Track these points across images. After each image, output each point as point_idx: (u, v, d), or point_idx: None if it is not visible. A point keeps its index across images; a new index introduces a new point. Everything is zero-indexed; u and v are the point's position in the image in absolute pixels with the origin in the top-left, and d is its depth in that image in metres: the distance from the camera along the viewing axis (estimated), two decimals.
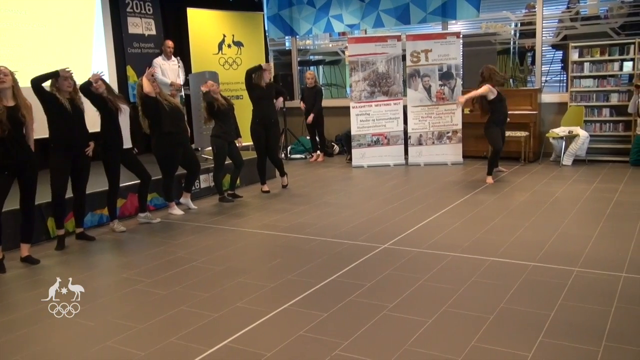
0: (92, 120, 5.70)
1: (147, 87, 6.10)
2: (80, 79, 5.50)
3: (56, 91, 5.13)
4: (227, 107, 6.91)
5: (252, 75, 7.18)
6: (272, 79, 7.54)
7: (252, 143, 7.50)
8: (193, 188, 6.96)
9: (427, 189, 7.27)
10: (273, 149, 7.55)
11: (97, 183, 6.14)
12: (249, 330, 3.45)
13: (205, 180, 7.38)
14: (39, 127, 5.12)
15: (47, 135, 5.25)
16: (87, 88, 5.50)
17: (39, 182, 4.99)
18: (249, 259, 4.95)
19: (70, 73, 5.17)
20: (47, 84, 5.11)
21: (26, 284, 4.54)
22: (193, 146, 7.57)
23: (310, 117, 9.75)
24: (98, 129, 5.79)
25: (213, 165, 7.10)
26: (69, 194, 5.47)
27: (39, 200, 5.46)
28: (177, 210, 6.51)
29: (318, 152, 10.06)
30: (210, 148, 7.21)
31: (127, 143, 5.91)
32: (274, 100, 7.49)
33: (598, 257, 4.46)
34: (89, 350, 3.30)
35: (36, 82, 4.97)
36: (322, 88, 10.51)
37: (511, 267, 4.31)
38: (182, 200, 6.76)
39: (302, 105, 9.99)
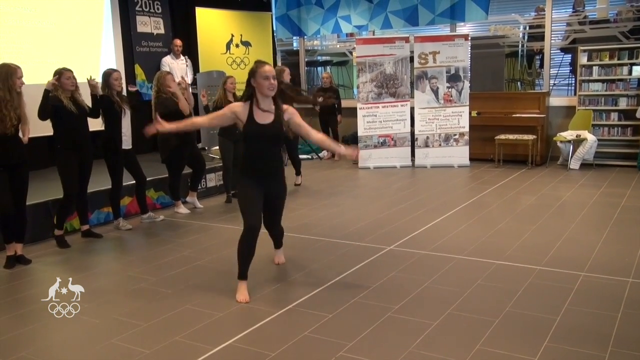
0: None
1: (183, 105, 6.14)
2: (87, 77, 5.50)
3: (59, 90, 5.11)
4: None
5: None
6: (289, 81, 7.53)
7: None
8: (199, 187, 6.97)
9: (433, 191, 7.26)
10: (294, 147, 7.85)
11: (104, 181, 6.16)
12: (253, 329, 3.45)
13: (211, 180, 7.39)
14: (37, 126, 5.05)
15: (42, 134, 5.19)
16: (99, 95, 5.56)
17: (43, 179, 5.00)
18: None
19: (71, 72, 5.16)
20: (26, 83, 4.98)
21: (30, 281, 4.55)
22: (199, 145, 7.58)
23: (340, 118, 9.87)
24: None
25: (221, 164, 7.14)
26: None
27: (46, 197, 5.49)
28: (183, 209, 6.53)
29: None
30: (217, 147, 7.24)
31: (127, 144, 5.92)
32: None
33: (605, 262, 4.44)
34: (94, 348, 3.31)
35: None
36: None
37: (517, 271, 4.30)
38: (188, 199, 6.77)
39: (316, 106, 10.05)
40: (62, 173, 5.28)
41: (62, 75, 5.14)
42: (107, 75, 5.67)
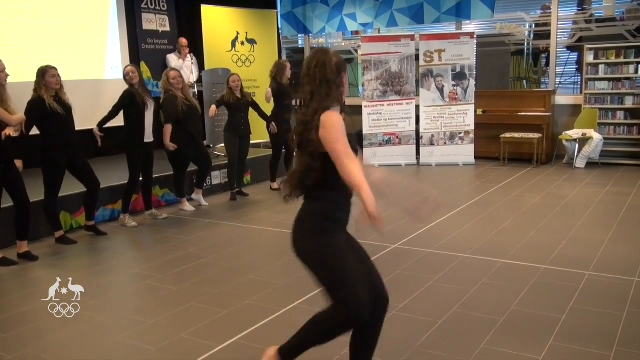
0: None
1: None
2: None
3: (42, 89, 4.95)
4: (240, 101, 6.87)
5: (275, 76, 7.27)
6: (290, 78, 7.52)
7: (264, 140, 7.51)
8: (204, 184, 6.98)
9: (438, 190, 7.24)
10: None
11: (108, 178, 6.17)
12: (258, 327, 3.46)
13: (216, 177, 7.40)
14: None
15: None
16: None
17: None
18: (259, 257, 4.95)
19: (56, 70, 5.06)
20: (31, 80, 4.99)
21: (35, 278, 4.57)
22: (205, 143, 7.58)
23: (344, 116, 9.84)
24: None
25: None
26: (81, 189, 5.50)
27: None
28: (188, 207, 6.54)
29: None
30: (222, 145, 7.25)
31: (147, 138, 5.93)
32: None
33: (610, 261, 4.42)
34: (99, 345, 3.33)
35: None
36: None
37: (522, 270, 4.29)
38: (193, 196, 6.78)
39: None
40: (45, 172, 5.13)
41: (46, 73, 4.95)
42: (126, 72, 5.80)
